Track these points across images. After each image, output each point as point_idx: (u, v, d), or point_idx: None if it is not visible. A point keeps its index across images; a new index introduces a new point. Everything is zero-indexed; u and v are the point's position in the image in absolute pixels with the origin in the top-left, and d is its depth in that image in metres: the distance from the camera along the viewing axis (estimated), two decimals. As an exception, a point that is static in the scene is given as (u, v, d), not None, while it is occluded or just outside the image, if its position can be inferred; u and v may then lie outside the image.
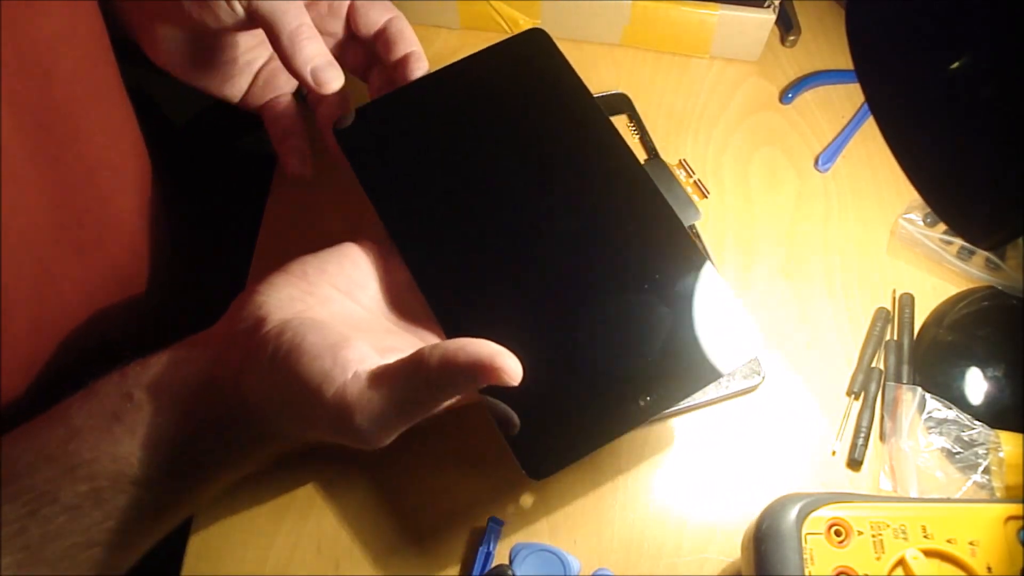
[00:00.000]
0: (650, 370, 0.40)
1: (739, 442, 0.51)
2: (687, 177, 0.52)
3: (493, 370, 0.34)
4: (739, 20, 0.62)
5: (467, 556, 0.46)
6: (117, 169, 0.51)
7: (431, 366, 0.35)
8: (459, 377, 0.35)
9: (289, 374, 0.36)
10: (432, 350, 0.35)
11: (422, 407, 0.36)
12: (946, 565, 0.39)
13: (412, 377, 0.36)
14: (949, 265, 0.56)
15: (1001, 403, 0.50)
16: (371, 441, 0.36)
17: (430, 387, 0.35)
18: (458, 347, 0.35)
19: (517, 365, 0.35)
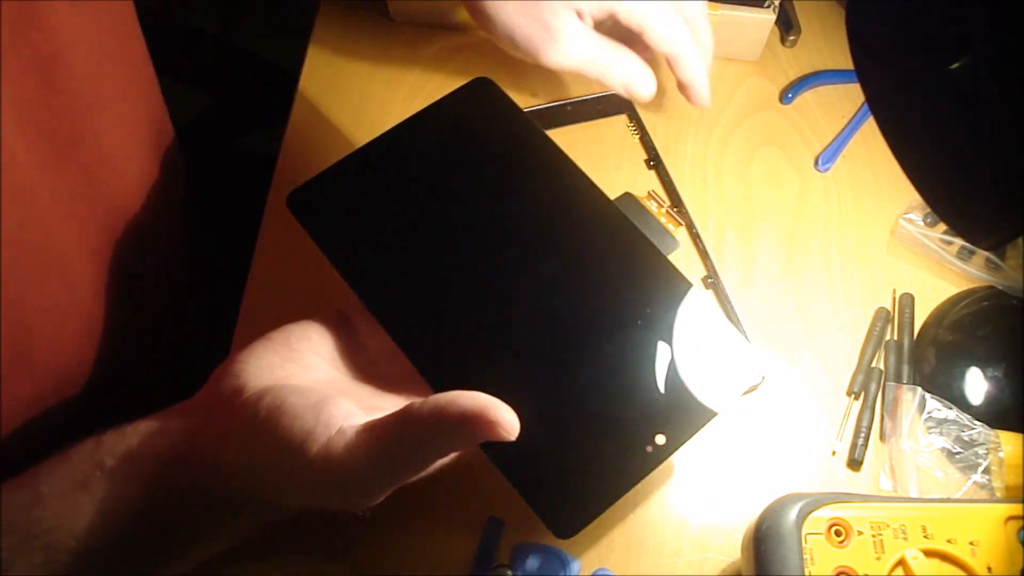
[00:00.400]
0: (658, 408, 0.38)
1: (739, 442, 0.51)
2: (658, 208, 0.53)
3: (487, 422, 0.32)
4: (739, 20, 0.62)
5: (467, 556, 0.46)
6: (133, 159, 0.51)
7: (422, 420, 0.33)
8: (451, 431, 0.33)
9: (270, 436, 0.35)
10: (422, 404, 0.33)
11: (412, 465, 0.34)
12: (946, 565, 0.39)
13: (401, 432, 0.33)
14: (949, 265, 0.56)
15: (1001, 403, 0.50)
16: (358, 502, 0.35)
17: (421, 443, 0.33)
18: (449, 400, 0.33)
19: (513, 417, 0.33)
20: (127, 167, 0.51)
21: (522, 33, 0.49)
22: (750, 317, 0.55)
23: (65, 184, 0.45)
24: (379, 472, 0.34)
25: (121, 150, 0.49)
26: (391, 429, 0.33)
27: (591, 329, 0.40)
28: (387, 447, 0.33)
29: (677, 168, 0.60)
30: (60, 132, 0.43)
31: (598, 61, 0.50)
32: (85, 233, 0.47)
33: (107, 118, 0.48)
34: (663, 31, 0.50)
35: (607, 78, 0.50)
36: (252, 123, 0.96)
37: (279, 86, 0.75)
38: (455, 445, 0.34)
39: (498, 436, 0.33)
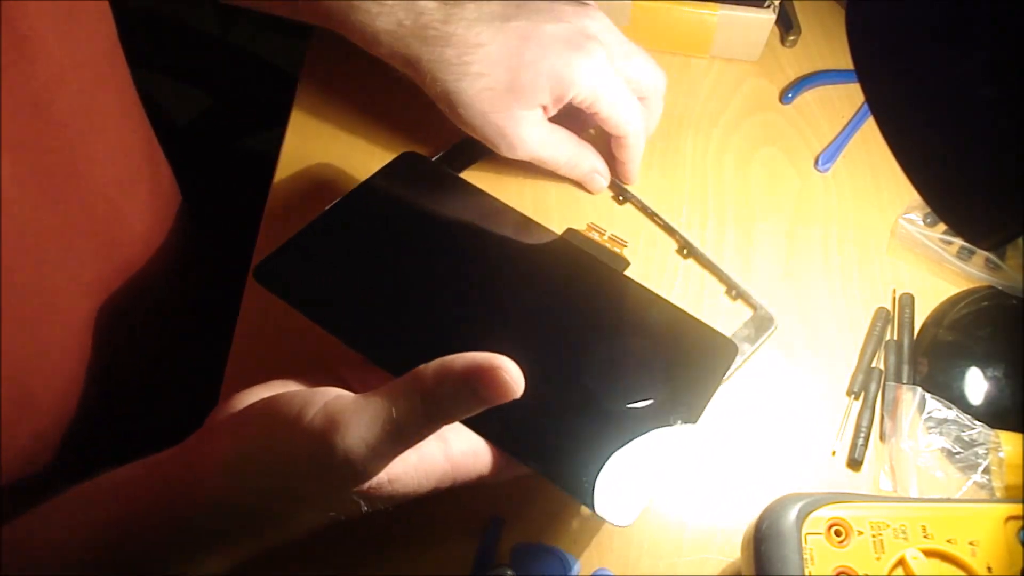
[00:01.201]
0: (666, 398, 0.42)
1: (739, 442, 0.51)
2: (600, 236, 0.56)
3: (492, 371, 0.32)
4: (739, 20, 0.62)
5: (467, 556, 0.46)
6: (126, 186, 0.51)
7: (427, 378, 0.33)
8: (457, 386, 0.33)
9: (263, 425, 0.35)
10: (427, 366, 0.34)
11: (417, 427, 0.34)
12: (946, 565, 0.39)
13: (407, 392, 0.33)
14: (949, 265, 0.56)
15: (1001, 403, 0.50)
16: (357, 468, 0.33)
17: (426, 402, 0.33)
18: (455, 357, 0.33)
19: (518, 371, 0.33)
20: (121, 197, 0.50)
21: (483, 135, 0.53)
22: (750, 317, 0.54)
23: (60, 220, 0.44)
24: (381, 433, 0.33)
25: (114, 180, 0.49)
26: (396, 390, 0.34)
27: (581, 344, 0.44)
28: (392, 407, 0.33)
29: (677, 168, 0.60)
30: (54, 168, 0.43)
31: (556, 158, 0.55)
32: (81, 267, 0.47)
33: (99, 148, 0.47)
34: (613, 113, 0.53)
35: (564, 173, 0.56)
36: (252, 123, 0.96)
37: (279, 86, 0.75)
38: (461, 404, 0.33)
39: (503, 390, 0.33)
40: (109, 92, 0.48)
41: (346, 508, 0.36)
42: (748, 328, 0.53)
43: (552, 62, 0.50)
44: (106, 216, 0.49)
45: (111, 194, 0.49)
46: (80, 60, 0.44)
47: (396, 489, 0.36)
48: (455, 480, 0.38)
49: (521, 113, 0.52)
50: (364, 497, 0.35)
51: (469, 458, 0.38)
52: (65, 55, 0.43)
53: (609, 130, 0.54)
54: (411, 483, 0.36)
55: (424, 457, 0.37)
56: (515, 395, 0.33)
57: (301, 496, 0.35)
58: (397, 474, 0.35)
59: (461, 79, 0.51)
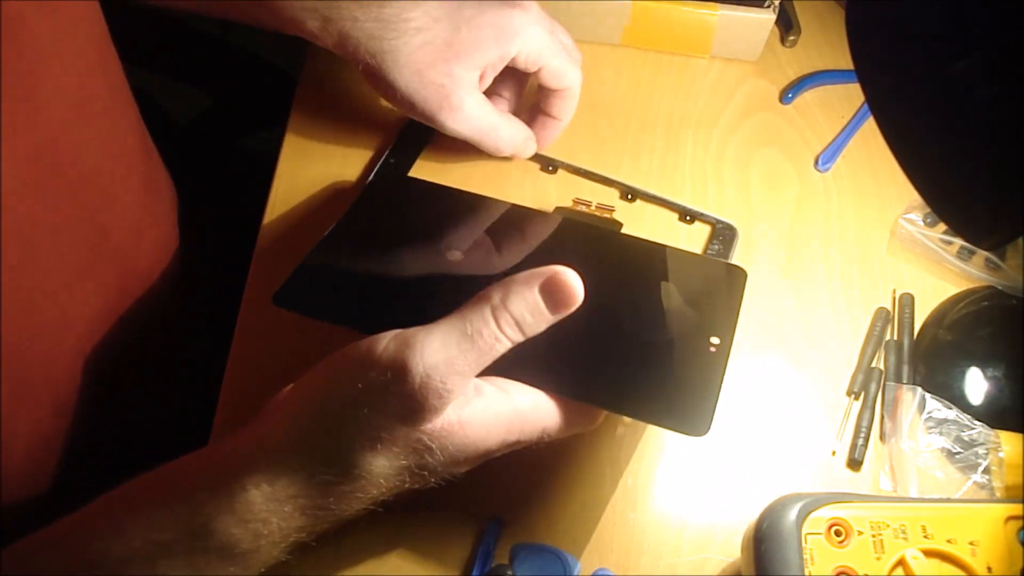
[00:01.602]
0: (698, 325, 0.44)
1: (739, 442, 0.51)
2: (588, 208, 0.57)
3: (553, 274, 0.35)
4: (739, 20, 0.62)
5: (467, 556, 0.46)
6: (117, 176, 0.51)
7: (493, 293, 0.35)
8: (523, 293, 0.35)
9: (328, 368, 0.36)
10: (494, 286, 0.36)
11: (491, 339, 0.35)
12: (946, 565, 0.39)
13: (476, 308, 0.35)
14: (949, 265, 0.56)
15: (1001, 403, 0.50)
16: (436, 383, 0.34)
17: (496, 313, 0.35)
18: (518, 273, 0.36)
19: (576, 277, 0.35)
20: (111, 186, 0.50)
21: (420, 97, 0.51)
22: (750, 317, 0.55)
23: (43, 205, 0.44)
24: (452, 341, 0.34)
25: (103, 168, 0.49)
26: (465, 309, 0.35)
27: (608, 292, 0.45)
28: (462, 320, 0.35)
29: (677, 168, 0.60)
30: (40, 153, 0.43)
31: (492, 127, 0.54)
32: (67, 253, 0.47)
33: (87, 135, 0.47)
34: (559, 63, 0.53)
35: (499, 142, 0.55)
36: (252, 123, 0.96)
37: (279, 86, 0.75)
38: (527, 312, 0.35)
39: (566, 291, 0.35)
40: (98, 81, 0.48)
41: (418, 460, 0.36)
42: (715, 245, 0.55)
43: (494, 15, 0.51)
44: (94, 203, 0.48)
45: (100, 182, 0.49)
46: (68, 47, 0.44)
47: (468, 435, 0.36)
48: (521, 434, 0.38)
49: (461, 73, 0.51)
50: (437, 442, 0.35)
51: (532, 411, 0.38)
52: (51, 41, 0.42)
53: (552, 83, 0.54)
54: (481, 430, 0.36)
55: (489, 404, 0.37)
56: (577, 299, 0.35)
57: (376, 430, 0.35)
58: (467, 417, 0.36)
59: (399, 36, 0.50)
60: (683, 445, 0.50)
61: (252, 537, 0.36)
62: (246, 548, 0.36)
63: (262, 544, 0.36)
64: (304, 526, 0.37)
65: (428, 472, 0.37)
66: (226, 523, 0.35)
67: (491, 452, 0.38)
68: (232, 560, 0.36)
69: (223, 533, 0.35)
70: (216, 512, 0.35)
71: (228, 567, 0.36)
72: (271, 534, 0.36)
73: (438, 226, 0.51)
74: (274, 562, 0.38)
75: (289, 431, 0.36)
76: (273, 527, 0.36)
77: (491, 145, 0.55)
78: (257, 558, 0.37)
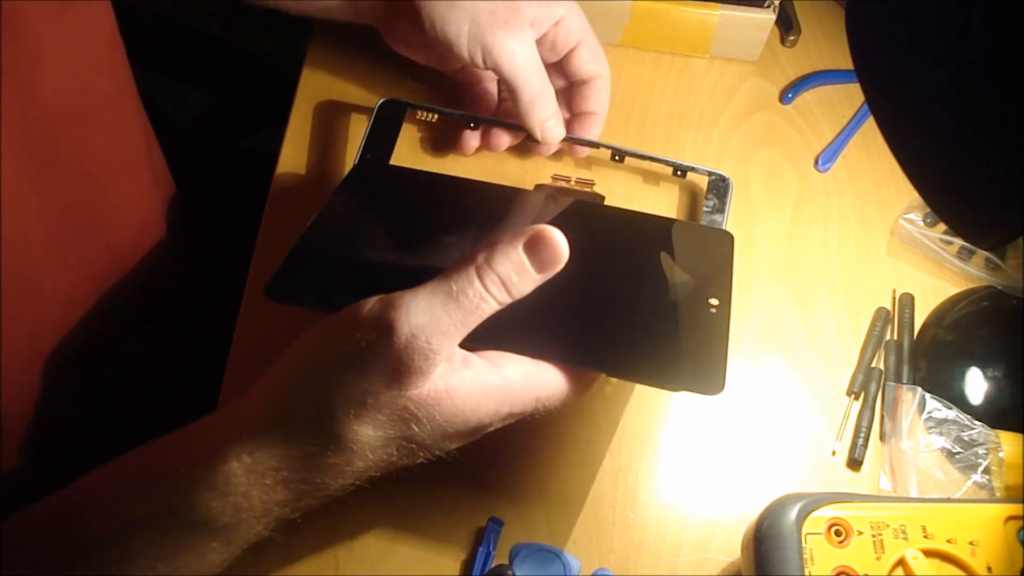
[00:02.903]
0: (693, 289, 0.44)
1: (739, 442, 0.51)
2: (568, 183, 0.57)
3: (537, 232, 0.34)
4: (739, 20, 0.62)
5: (467, 556, 0.46)
6: (116, 172, 0.51)
7: (477, 253, 0.34)
8: (508, 253, 0.34)
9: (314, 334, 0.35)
10: (476, 248, 0.35)
11: (477, 298, 0.34)
12: (946, 565, 0.39)
13: (461, 269, 0.34)
14: (949, 265, 0.56)
15: (1001, 403, 0.50)
16: (422, 343, 0.33)
17: (481, 273, 0.34)
18: (499, 237, 0.35)
19: (562, 236, 0.34)
20: (110, 180, 0.50)
21: (487, 9, 0.49)
22: (749, 317, 0.55)
23: (41, 197, 0.44)
24: (437, 303, 0.33)
25: (103, 162, 0.49)
26: (451, 270, 0.34)
27: (598, 264, 0.45)
28: (447, 281, 0.34)
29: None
30: (35, 146, 0.43)
31: (532, 81, 0.51)
32: (62, 245, 0.47)
33: (89, 131, 0.47)
34: (595, 48, 0.53)
35: (544, 93, 0.51)
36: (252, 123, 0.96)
37: (279, 86, 0.75)
38: (512, 272, 0.34)
39: (551, 249, 0.34)
40: (104, 78, 0.48)
41: (405, 430, 0.35)
42: (711, 199, 0.53)
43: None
44: (90, 197, 0.48)
45: (99, 176, 0.49)
46: (74, 44, 0.44)
47: (455, 404, 0.35)
48: (513, 406, 0.37)
49: (510, 19, 0.50)
50: (424, 409, 0.34)
51: (523, 382, 0.37)
52: (57, 37, 0.42)
53: (588, 66, 0.53)
54: (470, 399, 0.35)
55: (478, 374, 0.36)
56: (563, 256, 0.35)
57: (361, 395, 0.34)
58: (454, 386, 0.35)
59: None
60: (683, 445, 0.50)
61: (232, 511, 0.35)
62: (227, 522, 0.35)
63: (243, 518, 0.35)
64: (287, 500, 0.36)
65: (416, 445, 0.36)
66: (205, 496, 0.34)
67: (483, 425, 0.37)
68: (212, 535, 0.35)
69: (202, 507, 0.34)
70: (195, 485, 0.34)
71: (209, 542, 0.35)
72: (252, 508, 0.35)
73: (421, 210, 0.50)
74: (257, 538, 0.37)
75: (270, 400, 0.35)
76: (255, 500, 0.35)
77: (534, 90, 0.51)
78: (238, 533, 0.36)
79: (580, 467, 0.49)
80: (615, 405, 0.51)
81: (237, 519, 0.35)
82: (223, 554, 0.36)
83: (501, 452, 0.49)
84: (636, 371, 0.41)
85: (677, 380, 0.40)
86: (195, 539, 0.35)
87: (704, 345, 0.41)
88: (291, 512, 0.37)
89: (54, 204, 0.45)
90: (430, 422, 0.35)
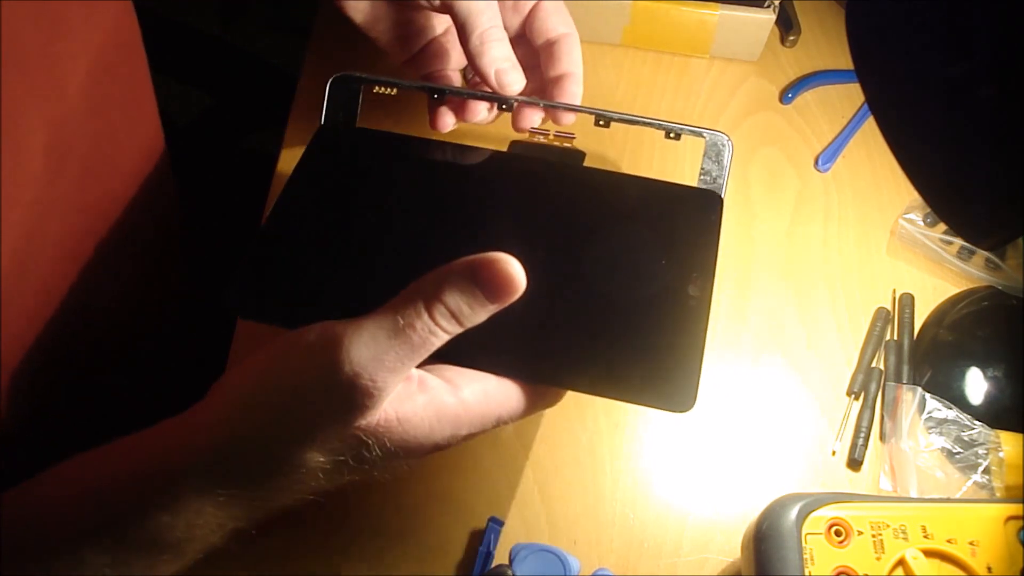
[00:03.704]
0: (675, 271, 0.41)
1: (739, 442, 0.51)
2: (547, 138, 0.52)
3: (491, 262, 0.31)
4: (739, 20, 0.62)
5: (467, 556, 0.46)
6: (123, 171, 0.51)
7: (426, 283, 0.32)
8: (459, 284, 0.32)
9: (265, 355, 0.34)
10: (425, 275, 0.33)
11: (424, 332, 0.32)
12: (946, 565, 0.39)
13: (408, 300, 0.32)
14: (949, 265, 0.56)
15: (1001, 403, 0.50)
16: (365, 380, 0.32)
17: (430, 305, 0.32)
18: (452, 263, 0.32)
19: (518, 265, 0.32)
20: (112, 177, 0.50)
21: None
22: (750, 317, 0.55)
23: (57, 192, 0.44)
24: (384, 338, 0.32)
25: (108, 160, 0.49)
26: (398, 300, 0.32)
27: (569, 244, 0.43)
28: (393, 313, 0.32)
29: (677, 168, 0.60)
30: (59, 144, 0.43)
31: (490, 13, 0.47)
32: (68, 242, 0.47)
33: (100, 126, 0.47)
34: (561, 9, 0.50)
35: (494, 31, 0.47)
36: (252, 123, 0.96)
37: (279, 86, 0.75)
38: (464, 305, 0.32)
39: (505, 280, 0.32)
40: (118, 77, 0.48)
41: (356, 454, 0.34)
42: (708, 161, 0.48)
43: None
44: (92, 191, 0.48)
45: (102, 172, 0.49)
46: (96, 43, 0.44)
47: (407, 431, 0.34)
48: (471, 427, 0.36)
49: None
50: (374, 438, 0.34)
51: (482, 403, 0.36)
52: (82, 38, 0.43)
53: (551, 27, 0.50)
54: (423, 426, 0.34)
55: (433, 399, 0.35)
56: (518, 288, 0.32)
57: (308, 428, 0.33)
58: (406, 413, 0.34)
59: None
60: (683, 445, 0.50)
61: (184, 526, 0.34)
62: (179, 536, 0.34)
63: (196, 534, 0.35)
64: (239, 516, 0.35)
65: (368, 466, 0.35)
66: (156, 513, 0.34)
67: (440, 446, 0.36)
68: (164, 548, 0.35)
69: (153, 522, 0.34)
70: (146, 502, 0.34)
71: (160, 555, 0.35)
72: (206, 523, 0.35)
73: (392, 176, 0.47)
74: (211, 549, 0.36)
75: (220, 423, 0.35)
76: (208, 516, 0.34)
77: (485, 23, 0.47)
78: (191, 546, 0.35)
79: (580, 467, 0.49)
80: (615, 405, 0.51)
81: (190, 534, 0.35)
82: (175, 565, 0.36)
83: (501, 452, 0.49)
84: (591, 384, 0.38)
85: (640, 394, 0.37)
86: (146, 551, 0.35)
87: (676, 351, 0.38)
88: (245, 525, 0.36)
89: (69, 203, 0.45)
90: (381, 448, 0.34)
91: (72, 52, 0.42)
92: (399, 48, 0.52)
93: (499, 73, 0.47)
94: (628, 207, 0.45)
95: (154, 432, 0.36)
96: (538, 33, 0.50)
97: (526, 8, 0.50)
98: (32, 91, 0.39)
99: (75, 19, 0.42)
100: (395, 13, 0.50)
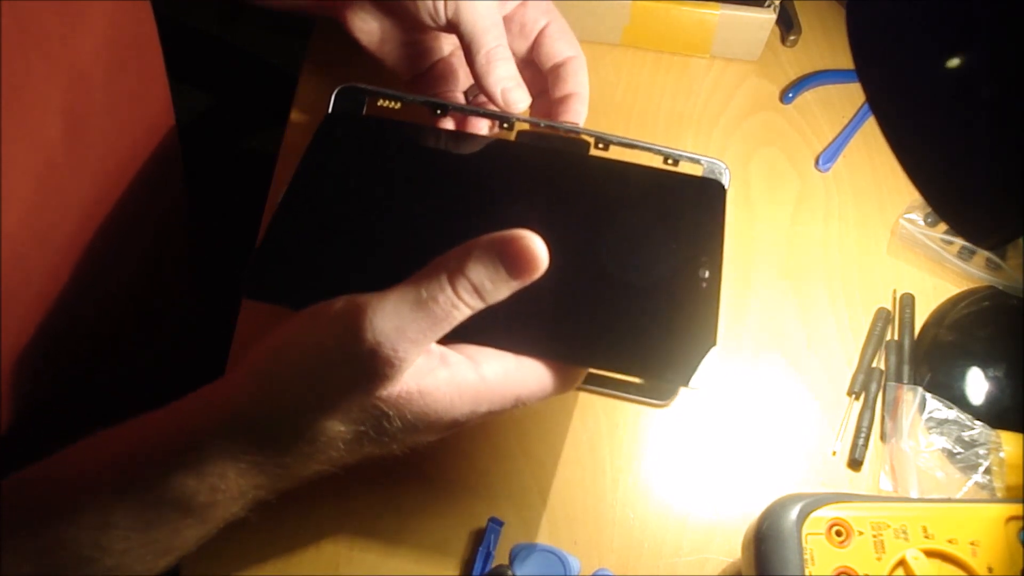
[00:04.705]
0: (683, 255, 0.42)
1: (739, 442, 0.51)
2: None
3: (513, 239, 0.32)
4: (739, 20, 0.62)
5: (467, 556, 0.46)
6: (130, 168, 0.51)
7: (450, 258, 0.33)
8: (482, 260, 0.32)
9: (289, 325, 0.35)
10: (449, 251, 0.33)
11: (447, 306, 0.33)
12: (947, 565, 0.39)
13: (432, 274, 0.33)
14: (950, 265, 0.56)
15: (1002, 403, 0.50)
16: (387, 351, 0.32)
17: (453, 280, 0.32)
18: (475, 239, 0.33)
19: (541, 242, 0.32)
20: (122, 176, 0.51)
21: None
22: (749, 317, 0.55)
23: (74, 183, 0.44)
24: (406, 310, 0.32)
25: (122, 128, 0.49)
26: (421, 274, 0.33)
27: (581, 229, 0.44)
28: (416, 287, 0.33)
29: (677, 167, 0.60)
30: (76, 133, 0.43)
31: (488, 30, 0.47)
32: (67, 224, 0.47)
33: (113, 121, 0.47)
34: (565, 29, 0.50)
35: (500, 50, 0.48)
36: (252, 123, 0.96)
37: (279, 86, 0.75)
38: (486, 280, 0.33)
39: (527, 256, 0.32)
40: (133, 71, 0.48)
41: (376, 425, 0.35)
42: None
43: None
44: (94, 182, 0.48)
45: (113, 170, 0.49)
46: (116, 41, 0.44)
47: (428, 404, 0.35)
48: (491, 404, 0.36)
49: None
50: (395, 409, 0.34)
51: (502, 381, 0.36)
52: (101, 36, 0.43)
53: (559, 51, 0.50)
54: (443, 400, 0.35)
55: (454, 374, 0.35)
56: (541, 265, 0.33)
57: (329, 395, 0.34)
58: (427, 387, 0.34)
59: None
60: (683, 445, 0.50)
61: (208, 491, 0.35)
62: (203, 501, 0.35)
63: (219, 499, 0.35)
64: (262, 484, 0.36)
65: (388, 438, 0.36)
66: (182, 475, 0.35)
67: (459, 423, 0.36)
68: (188, 512, 0.36)
69: (179, 485, 0.35)
70: (172, 464, 0.35)
71: (184, 518, 0.36)
72: (228, 489, 0.35)
73: (402, 164, 0.48)
74: (233, 518, 0.37)
75: (248, 390, 0.35)
76: (231, 482, 0.35)
77: (491, 42, 0.47)
78: (215, 512, 0.36)
79: (580, 467, 0.49)
80: (615, 405, 0.51)
81: (213, 499, 0.35)
82: (198, 531, 0.37)
83: (501, 452, 0.49)
84: (623, 365, 0.40)
85: (662, 373, 0.38)
86: (170, 514, 0.36)
87: (693, 329, 0.39)
88: (267, 494, 0.37)
89: (84, 197, 0.45)
90: (401, 420, 0.35)
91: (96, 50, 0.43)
92: (406, 68, 0.53)
93: (505, 92, 0.48)
94: (635, 193, 0.46)
95: (180, 403, 0.37)
96: (546, 57, 0.51)
97: (533, 33, 0.51)
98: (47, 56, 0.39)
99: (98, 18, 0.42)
100: (402, 34, 0.51)
